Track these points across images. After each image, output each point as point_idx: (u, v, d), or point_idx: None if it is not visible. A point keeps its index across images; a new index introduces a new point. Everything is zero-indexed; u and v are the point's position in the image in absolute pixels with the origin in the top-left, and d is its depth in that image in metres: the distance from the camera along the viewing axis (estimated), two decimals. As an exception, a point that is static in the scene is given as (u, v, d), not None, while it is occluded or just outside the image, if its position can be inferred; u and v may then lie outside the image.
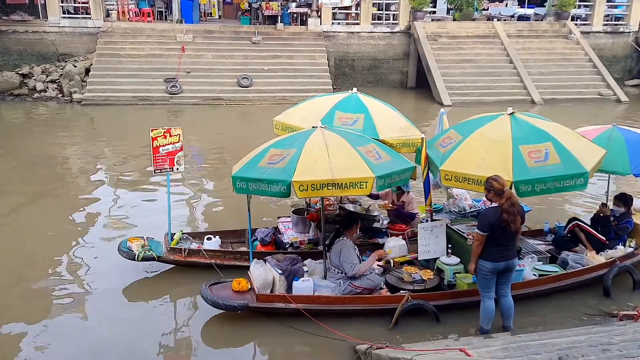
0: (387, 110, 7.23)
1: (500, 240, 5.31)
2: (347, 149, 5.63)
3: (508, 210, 5.18)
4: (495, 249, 5.36)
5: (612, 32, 22.98)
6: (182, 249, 6.92)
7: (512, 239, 5.38)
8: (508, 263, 5.44)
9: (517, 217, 5.24)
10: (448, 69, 19.69)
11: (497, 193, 5.25)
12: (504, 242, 5.34)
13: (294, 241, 7.18)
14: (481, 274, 5.51)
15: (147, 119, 16.18)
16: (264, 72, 19.14)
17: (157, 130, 6.90)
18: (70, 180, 11.09)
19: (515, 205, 5.21)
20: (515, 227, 5.25)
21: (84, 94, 17.81)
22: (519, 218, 5.26)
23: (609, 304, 6.31)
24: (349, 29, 21.37)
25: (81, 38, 19.82)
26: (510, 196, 5.23)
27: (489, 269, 5.43)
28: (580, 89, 19.82)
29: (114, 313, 6.19)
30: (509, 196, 5.22)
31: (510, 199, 5.21)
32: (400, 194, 7.69)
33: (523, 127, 5.81)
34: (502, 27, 21.64)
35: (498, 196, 5.25)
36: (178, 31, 19.95)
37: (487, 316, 5.58)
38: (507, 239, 5.34)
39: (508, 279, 5.59)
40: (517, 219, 5.24)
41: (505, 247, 5.36)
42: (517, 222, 5.24)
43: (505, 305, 5.63)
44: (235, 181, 5.69)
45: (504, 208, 5.19)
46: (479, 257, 5.44)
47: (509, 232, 5.27)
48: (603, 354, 4.01)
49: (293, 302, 5.79)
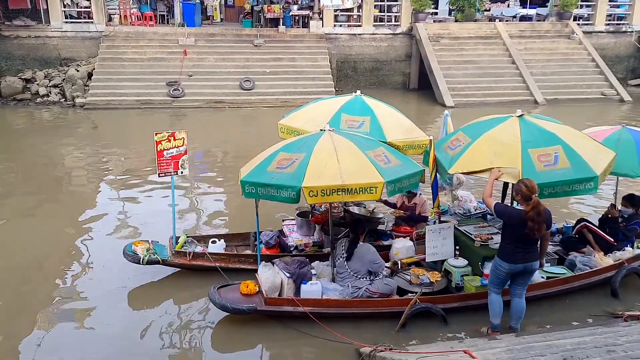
0: (392, 112, 7.21)
1: (520, 239, 5.25)
2: (356, 153, 5.60)
3: (533, 218, 5.11)
4: (516, 249, 5.31)
5: (615, 32, 22.96)
6: (187, 253, 6.92)
7: (534, 242, 5.33)
8: (526, 266, 5.38)
9: (542, 224, 5.16)
10: (450, 70, 19.67)
11: (524, 198, 5.17)
12: (524, 245, 5.29)
13: (299, 244, 7.17)
14: (496, 272, 5.49)
15: (149, 122, 16.20)
16: (266, 74, 19.14)
17: (161, 134, 6.89)
18: (73, 185, 11.09)
19: (541, 214, 5.12)
20: (539, 234, 5.20)
21: (86, 98, 17.81)
22: (543, 226, 5.19)
23: (615, 305, 6.28)
24: (350, 31, 21.36)
25: (83, 42, 19.84)
26: (537, 204, 5.12)
27: (505, 270, 5.40)
28: (583, 89, 19.79)
29: (120, 317, 6.18)
30: (536, 204, 5.12)
31: (537, 208, 5.11)
32: (411, 197, 7.65)
33: (532, 130, 5.76)
34: (504, 27, 21.63)
35: (525, 201, 5.17)
36: (180, 35, 19.96)
37: (494, 310, 5.58)
38: (529, 242, 5.29)
39: (525, 282, 5.56)
40: (542, 227, 5.17)
41: (525, 249, 5.31)
42: (541, 230, 5.18)
43: (518, 307, 5.61)
44: (244, 185, 5.66)
45: (529, 216, 5.11)
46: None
47: (533, 238, 5.23)
48: (608, 355, 4.00)
49: (301, 305, 5.78)
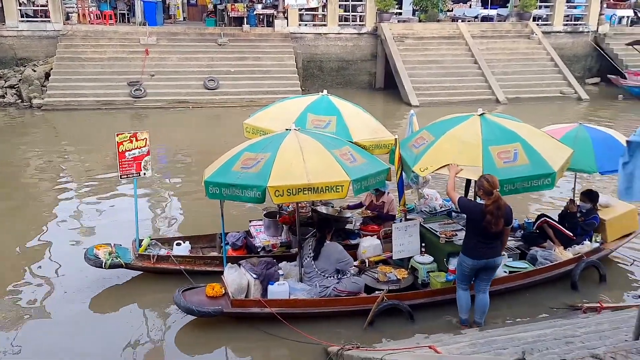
0: (358, 112, 7.23)
1: (482, 234, 5.36)
2: (322, 152, 5.59)
3: (492, 212, 5.21)
4: (478, 244, 5.42)
5: (572, 32, 23.63)
6: (151, 256, 6.78)
7: (494, 237, 5.42)
8: (488, 262, 5.49)
9: (500, 219, 5.26)
10: (415, 70, 19.90)
11: (485, 192, 5.27)
12: (485, 239, 5.40)
13: (266, 245, 7.10)
14: (461, 267, 5.62)
15: (110, 123, 15.86)
16: (230, 74, 18.98)
17: (122, 134, 6.76)
18: (32, 189, 10.73)
19: (500, 208, 5.23)
20: (496, 229, 5.29)
21: (44, 99, 17.33)
22: (501, 220, 5.28)
23: (575, 298, 6.45)
24: (316, 31, 21.37)
25: (40, 42, 19.28)
26: (498, 199, 5.23)
27: (469, 265, 5.51)
28: (542, 87, 20.31)
29: (82, 323, 6.03)
30: (496, 199, 5.23)
31: (497, 202, 5.22)
32: (379, 196, 7.69)
33: (492, 128, 5.89)
34: (467, 28, 22.02)
35: (486, 196, 5.27)
36: (141, 34, 19.59)
37: (461, 305, 5.73)
38: (489, 236, 5.39)
39: (489, 277, 5.68)
40: (500, 222, 5.27)
41: (486, 244, 5.42)
42: (498, 225, 5.27)
43: (481, 302, 5.72)
44: (207, 186, 5.58)
45: (489, 209, 5.22)
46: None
47: (490, 232, 5.32)
48: (566, 346, 4.11)
49: (268, 306, 5.74)
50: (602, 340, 4.20)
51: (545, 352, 3.92)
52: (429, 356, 4.40)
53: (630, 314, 5.21)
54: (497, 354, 4.19)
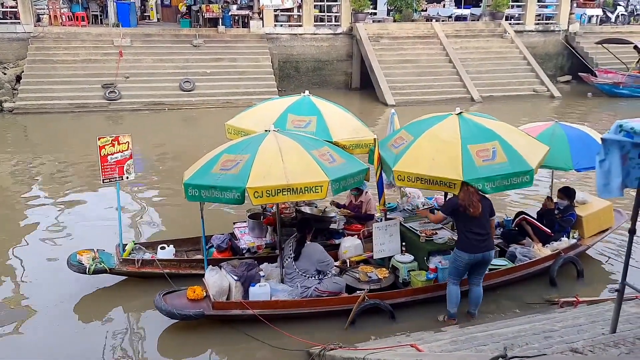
0: (339, 112, 7.27)
1: (471, 226, 5.54)
2: (300, 153, 5.59)
3: (464, 198, 5.48)
4: (472, 238, 5.57)
5: (544, 31, 24.03)
6: (135, 260, 6.70)
7: (483, 226, 5.61)
8: (485, 255, 5.66)
9: (476, 202, 5.48)
10: (390, 69, 20.00)
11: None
12: (477, 230, 5.56)
13: (251, 246, 7.07)
14: (455, 263, 5.73)
15: (84, 126, 15.61)
16: (206, 75, 18.81)
17: (104, 138, 6.68)
18: (7, 196, 10.45)
19: (472, 194, 5.47)
20: (474, 210, 5.48)
21: (15, 103, 16.92)
22: (478, 203, 5.49)
23: (553, 293, 6.56)
24: (292, 31, 21.32)
25: (10, 44, 18.80)
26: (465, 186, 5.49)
27: (465, 261, 5.64)
28: (516, 85, 20.59)
29: (66, 329, 5.95)
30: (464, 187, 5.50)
31: (464, 188, 5.49)
32: (358, 195, 7.72)
33: (471, 127, 5.96)
34: (441, 27, 22.20)
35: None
36: (115, 35, 19.28)
37: (452, 300, 5.83)
38: (478, 225, 5.56)
39: (483, 271, 5.86)
40: (476, 204, 5.48)
41: (480, 235, 5.58)
42: (476, 207, 5.48)
43: (476, 294, 5.90)
44: (187, 188, 5.54)
45: (460, 196, 5.52)
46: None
47: (475, 217, 5.51)
48: (545, 340, 4.18)
49: (250, 308, 5.72)
50: (580, 334, 4.29)
51: (526, 348, 3.98)
52: (411, 354, 4.44)
53: (605, 307, 5.33)
54: (478, 350, 4.25)
